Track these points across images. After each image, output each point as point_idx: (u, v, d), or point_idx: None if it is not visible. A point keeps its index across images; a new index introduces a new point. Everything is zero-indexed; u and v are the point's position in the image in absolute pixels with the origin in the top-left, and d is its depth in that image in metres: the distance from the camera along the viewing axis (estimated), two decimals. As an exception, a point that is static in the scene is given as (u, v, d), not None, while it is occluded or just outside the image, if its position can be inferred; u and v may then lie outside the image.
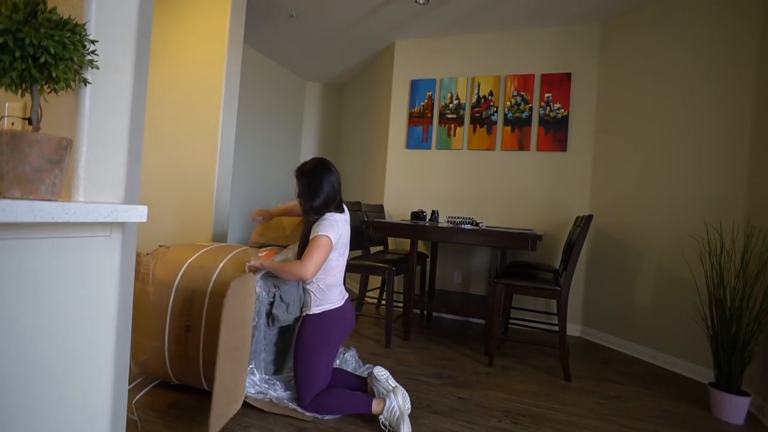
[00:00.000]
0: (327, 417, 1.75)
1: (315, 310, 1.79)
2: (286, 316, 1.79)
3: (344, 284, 1.96)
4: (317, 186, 1.80)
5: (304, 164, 1.86)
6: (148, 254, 1.90)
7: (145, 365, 1.82)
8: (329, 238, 1.73)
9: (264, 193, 4.74)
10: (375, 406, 1.72)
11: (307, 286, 1.82)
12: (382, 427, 1.71)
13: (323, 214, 1.80)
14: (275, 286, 1.79)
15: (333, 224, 1.77)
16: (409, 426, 1.66)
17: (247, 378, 1.77)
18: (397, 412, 1.68)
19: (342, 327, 1.84)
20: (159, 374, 1.85)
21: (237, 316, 1.56)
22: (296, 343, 1.80)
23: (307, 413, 1.73)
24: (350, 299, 1.94)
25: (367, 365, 2.23)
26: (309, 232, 1.79)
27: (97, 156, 0.93)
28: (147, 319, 1.77)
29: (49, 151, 0.77)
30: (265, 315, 1.80)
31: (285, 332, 2.00)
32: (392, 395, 1.72)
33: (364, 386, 1.91)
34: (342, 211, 1.88)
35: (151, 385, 1.92)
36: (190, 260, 1.86)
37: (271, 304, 1.78)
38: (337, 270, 1.84)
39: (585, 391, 2.24)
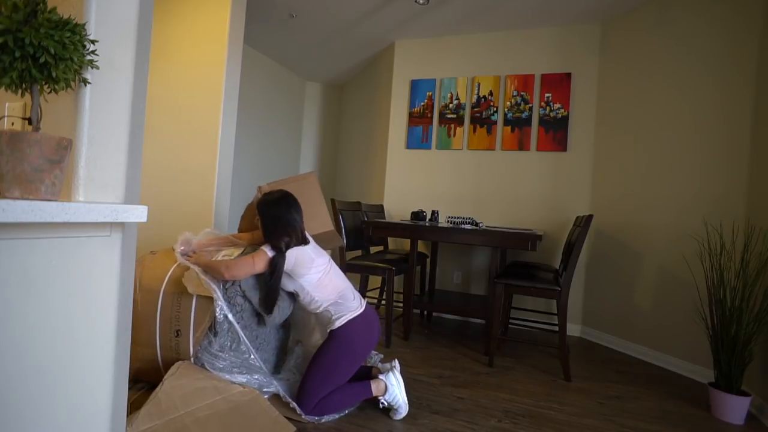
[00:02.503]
0: (324, 419, 1.74)
1: (338, 323, 1.75)
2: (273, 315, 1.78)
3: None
4: (274, 223, 1.76)
5: (269, 197, 1.81)
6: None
7: (138, 372, 1.81)
8: (265, 252, 1.71)
9: (264, 193, 4.73)
10: (375, 389, 1.78)
11: (317, 311, 1.79)
12: (380, 406, 1.80)
13: (278, 250, 1.74)
14: (240, 285, 1.75)
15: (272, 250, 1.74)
16: (406, 402, 1.79)
17: (246, 378, 1.76)
18: (397, 396, 1.78)
19: (368, 338, 1.79)
20: (153, 380, 1.84)
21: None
22: (318, 354, 1.77)
23: (305, 416, 1.72)
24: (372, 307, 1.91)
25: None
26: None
27: (97, 156, 0.93)
28: (137, 326, 1.75)
29: (49, 151, 0.77)
30: (251, 317, 1.79)
31: (281, 332, 2.00)
32: (390, 375, 1.81)
33: (368, 372, 1.93)
34: (307, 242, 1.82)
35: (149, 386, 1.92)
36: (176, 264, 1.84)
37: (247, 300, 1.77)
38: (328, 281, 1.79)
39: (585, 391, 2.24)
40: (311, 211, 2.05)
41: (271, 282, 1.73)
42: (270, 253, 1.72)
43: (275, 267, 1.72)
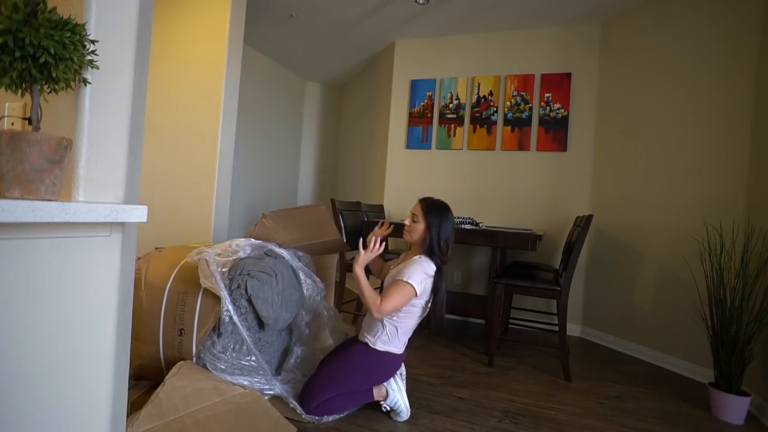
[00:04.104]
0: (324, 419, 1.74)
1: (379, 346, 1.77)
2: (270, 312, 1.76)
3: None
4: (448, 230, 1.82)
5: (434, 199, 1.89)
6: (139, 258, 1.87)
7: (141, 369, 1.81)
8: (414, 289, 1.70)
9: (264, 193, 4.73)
10: (376, 394, 1.80)
11: (384, 320, 1.77)
12: (383, 409, 1.81)
13: (434, 258, 1.79)
14: (245, 290, 1.72)
15: (425, 277, 1.73)
16: (408, 407, 1.79)
17: (247, 379, 1.76)
18: (399, 402, 1.79)
19: (390, 373, 1.82)
20: (156, 378, 1.83)
21: None
22: (337, 359, 1.79)
23: (306, 416, 1.72)
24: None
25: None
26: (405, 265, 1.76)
27: (97, 156, 0.93)
28: (140, 323, 1.75)
29: (49, 151, 0.77)
30: (254, 320, 1.78)
31: (284, 334, 1.99)
32: (391, 380, 1.81)
33: None
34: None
35: (151, 385, 1.92)
36: (182, 262, 1.83)
37: (250, 304, 1.76)
38: (417, 316, 1.80)
39: (585, 391, 2.24)
40: (323, 231, 2.09)
41: (438, 299, 1.78)
42: (419, 286, 1.71)
43: (438, 287, 1.77)
